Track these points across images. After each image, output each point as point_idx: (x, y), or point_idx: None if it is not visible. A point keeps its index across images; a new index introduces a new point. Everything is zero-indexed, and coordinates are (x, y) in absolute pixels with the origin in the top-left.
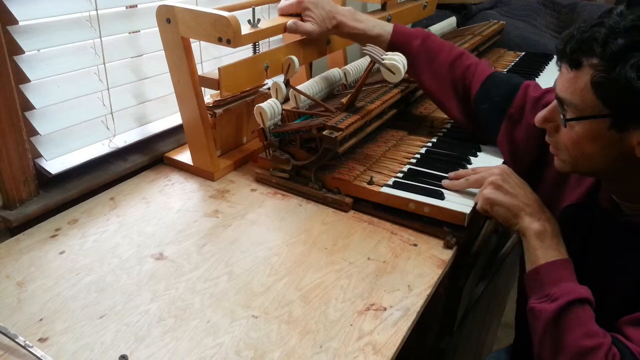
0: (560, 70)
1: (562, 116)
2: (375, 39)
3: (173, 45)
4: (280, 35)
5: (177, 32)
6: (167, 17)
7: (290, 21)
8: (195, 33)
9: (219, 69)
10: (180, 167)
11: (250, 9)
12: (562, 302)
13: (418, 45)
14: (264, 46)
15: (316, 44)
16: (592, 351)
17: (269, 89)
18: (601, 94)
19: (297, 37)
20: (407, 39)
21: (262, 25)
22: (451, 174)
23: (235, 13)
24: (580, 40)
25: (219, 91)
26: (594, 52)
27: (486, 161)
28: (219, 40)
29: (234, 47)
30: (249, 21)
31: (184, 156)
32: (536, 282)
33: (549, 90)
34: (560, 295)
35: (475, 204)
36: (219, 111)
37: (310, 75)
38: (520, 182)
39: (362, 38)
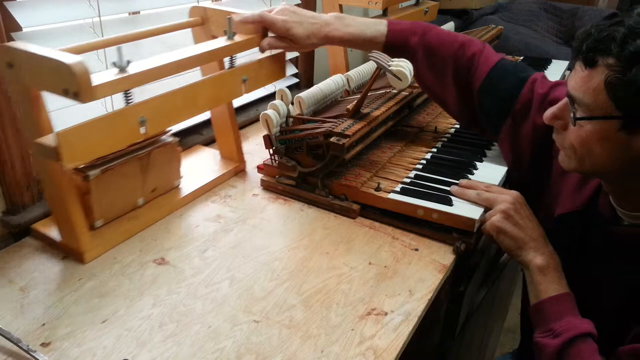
0: (574, 68)
1: (572, 114)
2: (369, 43)
3: (18, 96)
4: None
5: (22, 80)
6: (7, 62)
7: (264, 40)
8: (40, 83)
9: (57, 134)
10: (46, 241)
11: (117, 47)
12: (564, 338)
13: (416, 42)
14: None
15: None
16: None
17: (172, 135)
18: (614, 95)
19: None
20: (404, 36)
21: (132, 69)
22: (462, 182)
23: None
24: (597, 38)
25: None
26: (611, 52)
27: (490, 167)
28: (65, 93)
29: (84, 102)
30: (114, 63)
31: (52, 230)
32: (540, 315)
33: (555, 84)
34: (563, 330)
35: (481, 221)
36: (94, 172)
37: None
38: (530, 214)
39: (355, 43)
